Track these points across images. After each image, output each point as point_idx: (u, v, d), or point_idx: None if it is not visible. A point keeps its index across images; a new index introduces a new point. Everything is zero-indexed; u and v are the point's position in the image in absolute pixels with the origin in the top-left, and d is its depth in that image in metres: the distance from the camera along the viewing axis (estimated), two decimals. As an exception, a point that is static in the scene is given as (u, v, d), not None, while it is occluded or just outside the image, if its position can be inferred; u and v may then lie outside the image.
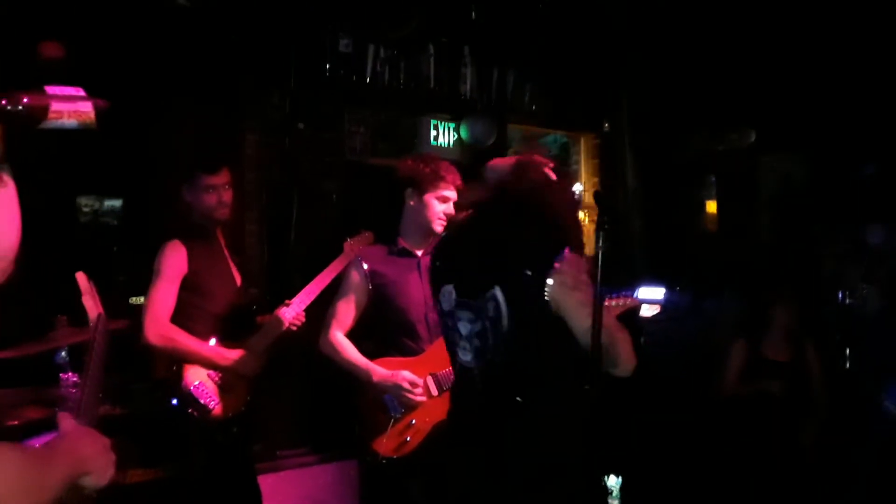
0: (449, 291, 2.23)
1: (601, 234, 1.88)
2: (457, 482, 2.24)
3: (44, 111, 2.04)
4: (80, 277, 1.95)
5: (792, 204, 5.82)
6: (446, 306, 2.24)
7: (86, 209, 6.28)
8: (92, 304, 1.92)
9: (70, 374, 2.93)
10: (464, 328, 2.16)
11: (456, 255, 2.33)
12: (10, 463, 1.12)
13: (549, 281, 1.99)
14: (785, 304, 4.30)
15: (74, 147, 4.95)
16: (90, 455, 1.34)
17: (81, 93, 1.95)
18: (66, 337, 2.94)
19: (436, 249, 2.54)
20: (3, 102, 2.04)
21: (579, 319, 1.95)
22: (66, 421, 1.40)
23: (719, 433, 4.30)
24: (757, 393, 4.16)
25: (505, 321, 2.06)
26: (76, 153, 5.06)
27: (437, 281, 2.34)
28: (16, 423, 2.88)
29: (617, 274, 2.43)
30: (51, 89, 2.33)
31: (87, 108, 1.99)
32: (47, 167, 4.84)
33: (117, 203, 6.31)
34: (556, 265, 2.00)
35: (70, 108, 2.01)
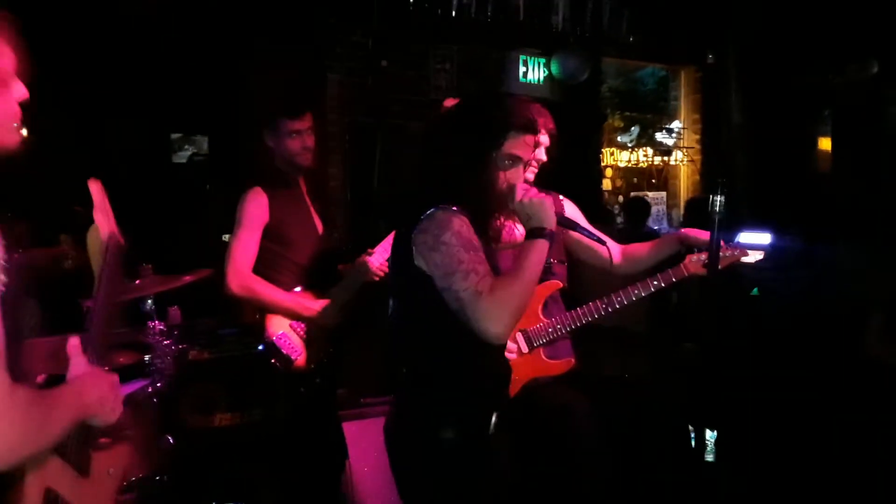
0: None
1: (718, 198, 1.67)
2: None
3: None
4: (94, 187, 1.58)
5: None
6: None
7: (179, 149, 6.35)
8: (104, 221, 1.59)
9: (157, 321, 2.93)
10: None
11: None
12: (18, 404, 1.14)
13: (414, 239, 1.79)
14: None
15: (165, 87, 4.99)
16: (96, 400, 1.37)
17: None
18: (153, 285, 2.93)
19: None
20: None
21: (438, 280, 1.75)
22: (77, 362, 1.41)
23: (842, 395, 3.95)
24: None
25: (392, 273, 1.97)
26: (167, 93, 5.10)
27: None
28: (105, 368, 2.91)
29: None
30: None
31: None
32: (141, 105, 4.90)
33: (205, 141, 6.37)
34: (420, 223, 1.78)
35: None
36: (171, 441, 2.64)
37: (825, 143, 5.72)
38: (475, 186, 1.85)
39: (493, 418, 1.88)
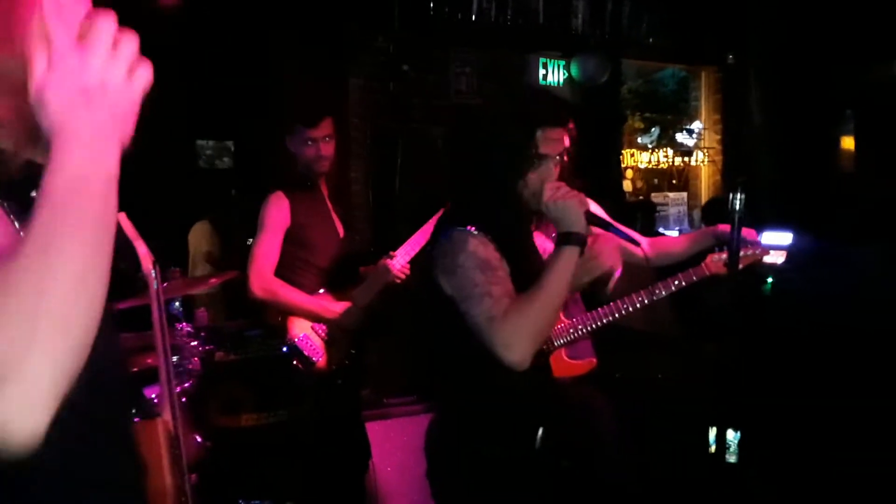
0: None
1: (738, 197, 1.66)
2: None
3: None
4: (122, 219, 1.52)
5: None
6: None
7: (205, 153, 6.42)
8: (146, 251, 1.56)
9: (184, 323, 3.00)
10: None
11: None
12: None
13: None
14: None
15: (191, 93, 5.04)
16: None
17: None
18: (180, 288, 3.01)
19: None
20: None
21: (458, 304, 1.68)
22: None
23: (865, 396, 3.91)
24: None
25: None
26: (192, 99, 5.15)
27: None
28: (135, 370, 2.98)
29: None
30: None
31: None
32: (165, 111, 4.98)
33: (230, 145, 6.42)
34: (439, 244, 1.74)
35: None
36: (200, 440, 2.70)
37: (848, 143, 5.67)
38: (506, 190, 1.75)
39: (540, 433, 1.82)
